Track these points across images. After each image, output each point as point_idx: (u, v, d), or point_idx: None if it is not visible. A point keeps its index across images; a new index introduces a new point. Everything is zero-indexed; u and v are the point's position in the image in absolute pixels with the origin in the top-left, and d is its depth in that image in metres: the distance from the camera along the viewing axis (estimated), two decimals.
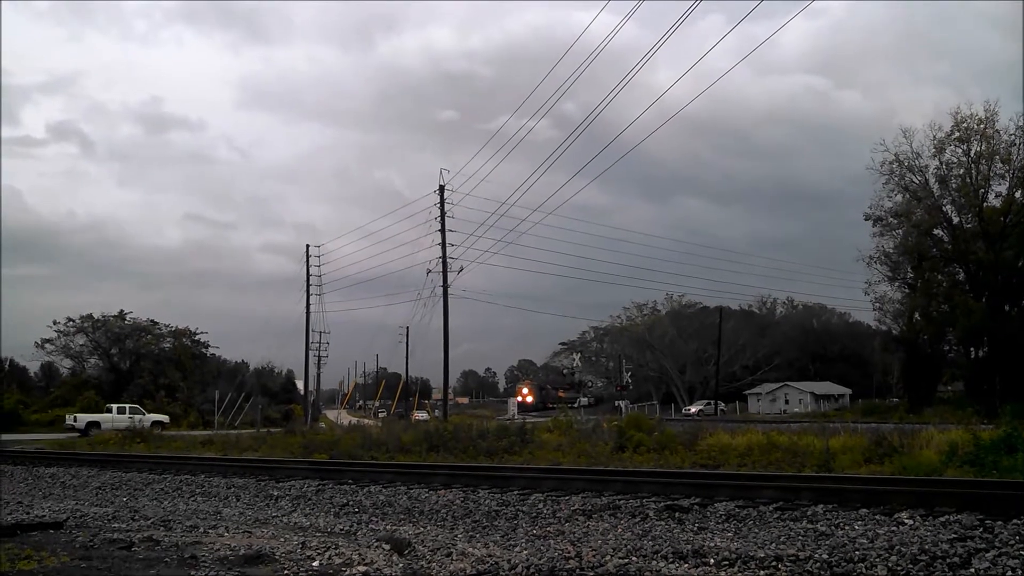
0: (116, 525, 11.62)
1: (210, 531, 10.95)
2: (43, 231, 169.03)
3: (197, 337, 79.78)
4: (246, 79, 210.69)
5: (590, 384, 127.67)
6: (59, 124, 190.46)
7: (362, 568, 7.97)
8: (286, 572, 7.96)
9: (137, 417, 52.63)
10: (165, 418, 57.73)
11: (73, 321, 74.49)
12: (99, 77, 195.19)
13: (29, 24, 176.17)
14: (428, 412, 79.31)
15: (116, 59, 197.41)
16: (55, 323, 74.27)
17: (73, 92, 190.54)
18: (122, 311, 75.83)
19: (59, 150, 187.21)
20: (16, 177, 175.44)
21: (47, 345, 74.07)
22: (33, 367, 79.87)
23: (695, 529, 10.41)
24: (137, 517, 12.55)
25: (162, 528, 11.32)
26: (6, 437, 43.91)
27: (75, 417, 54.04)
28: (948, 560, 7.83)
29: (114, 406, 56.61)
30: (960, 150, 56.68)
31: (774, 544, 8.96)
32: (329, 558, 8.53)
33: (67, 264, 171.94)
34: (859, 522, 10.27)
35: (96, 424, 52.13)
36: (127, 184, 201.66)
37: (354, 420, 67.22)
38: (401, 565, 8.17)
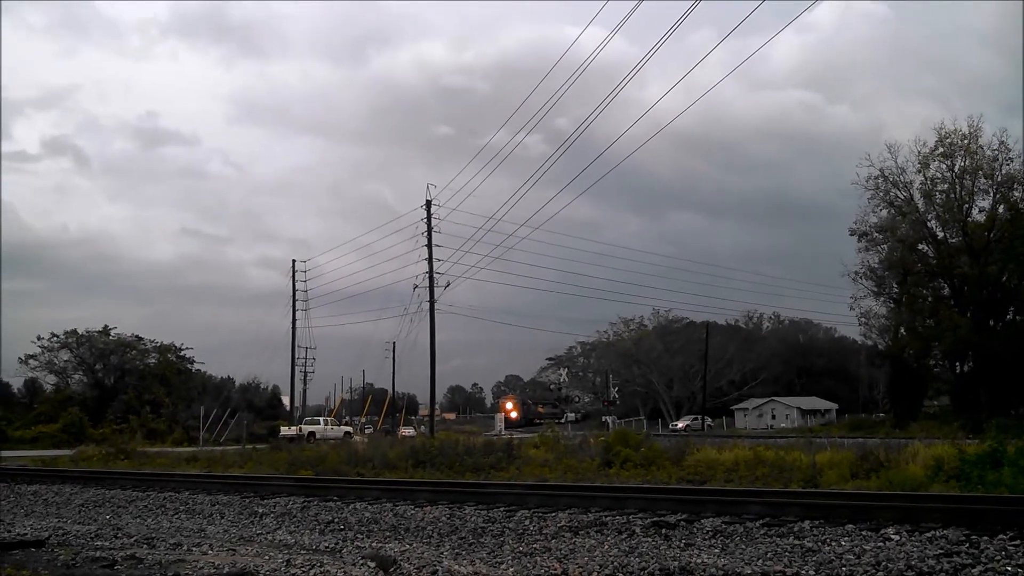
0: (99, 543, 11.52)
1: (194, 549, 10.87)
2: (36, 246, 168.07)
3: (182, 353, 79.42)
4: (239, 94, 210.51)
5: (577, 399, 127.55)
6: (54, 139, 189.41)
7: None
8: None
9: (335, 428, 61.80)
10: (350, 429, 64.13)
11: (57, 337, 73.98)
12: (93, 92, 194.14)
13: (23, 39, 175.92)
14: (415, 428, 78.99)
15: (111, 74, 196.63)
16: (39, 339, 73.83)
17: (67, 107, 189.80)
18: (106, 326, 75.40)
19: (53, 165, 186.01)
20: (10, 192, 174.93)
21: (31, 361, 73.45)
22: (17, 383, 79.08)
23: (682, 545, 10.38)
24: (120, 535, 12.45)
25: (145, 546, 11.23)
26: None
27: (300, 428, 60.01)
28: None
29: (320, 418, 66.67)
30: (944, 165, 57.29)
31: (761, 560, 8.95)
32: None
33: (60, 279, 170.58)
34: (846, 538, 10.27)
35: (313, 434, 57.34)
36: (121, 199, 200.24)
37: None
38: None
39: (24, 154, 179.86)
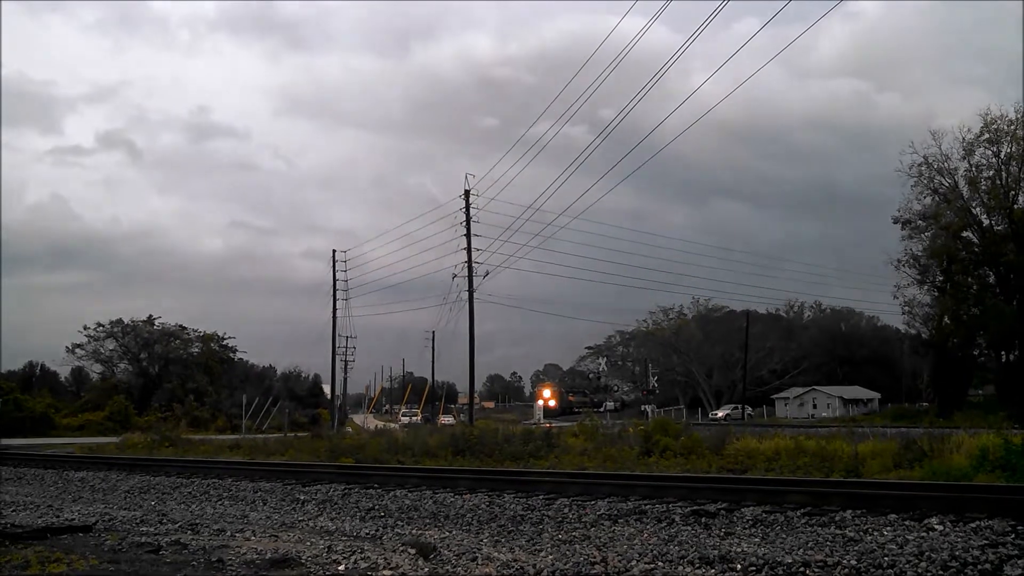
0: (144, 529, 11.71)
1: (237, 535, 11.02)
2: (88, 238, 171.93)
3: (225, 342, 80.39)
4: (285, 88, 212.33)
5: (616, 388, 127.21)
6: (108, 134, 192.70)
7: (388, 572, 7.98)
8: None
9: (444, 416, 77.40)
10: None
11: (103, 326, 75.30)
12: (144, 87, 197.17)
13: (75, 36, 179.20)
14: (454, 416, 79.39)
15: (160, 69, 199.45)
16: (85, 328, 75.12)
17: (119, 102, 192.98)
18: (151, 316, 76.59)
19: (107, 159, 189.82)
20: (63, 185, 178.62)
21: (78, 350, 74.95)
22: (64, 372, 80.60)
23: (722, 534, 10.34)
24: (165, 521, 12.65)
25: (189, 532, 11.40)
26: (37, 441, 44.47)
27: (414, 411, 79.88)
28: (979, 567, 7.73)
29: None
30: (990, 152, 56.23)
31: (802, 550, 8.89)
32: (355, 562, 8.55)
33: (111, 271, 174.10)
34: (888, 528, 10.17)
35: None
36: (173, 192, 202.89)
37: (380, 424, 67.37)
38: (427, 569, 8.17)
39: (79, 148, 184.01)
